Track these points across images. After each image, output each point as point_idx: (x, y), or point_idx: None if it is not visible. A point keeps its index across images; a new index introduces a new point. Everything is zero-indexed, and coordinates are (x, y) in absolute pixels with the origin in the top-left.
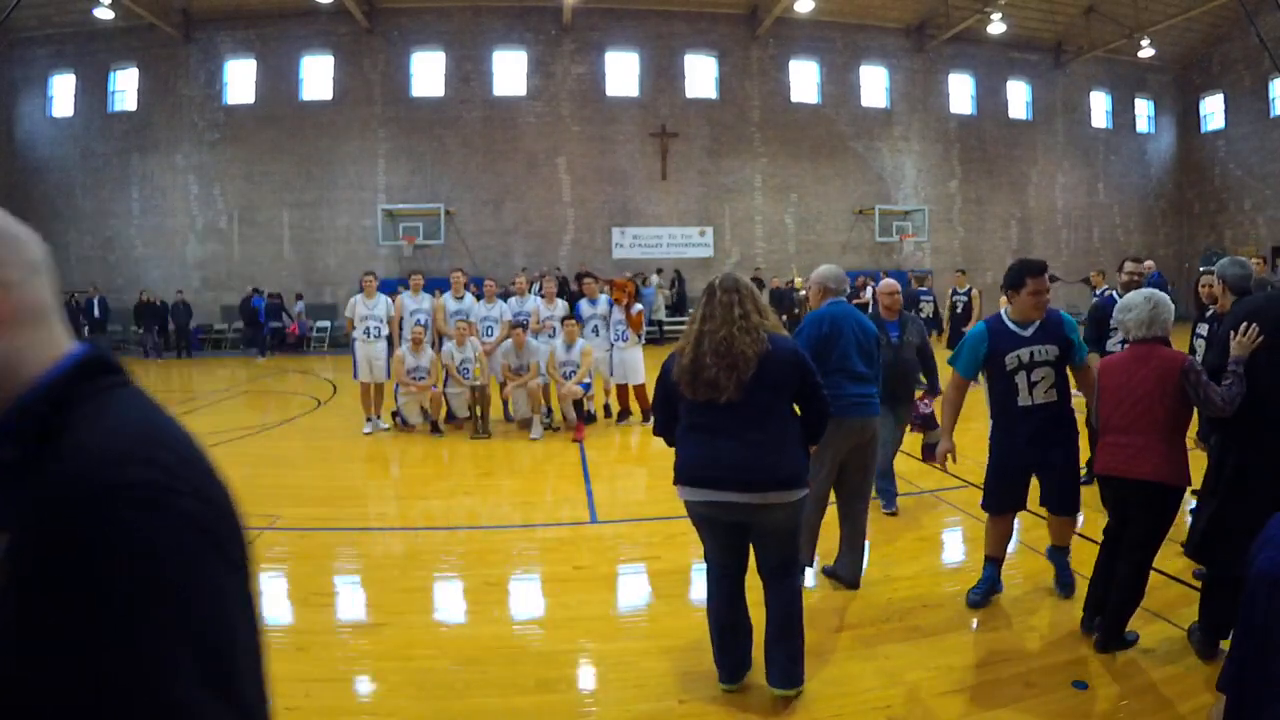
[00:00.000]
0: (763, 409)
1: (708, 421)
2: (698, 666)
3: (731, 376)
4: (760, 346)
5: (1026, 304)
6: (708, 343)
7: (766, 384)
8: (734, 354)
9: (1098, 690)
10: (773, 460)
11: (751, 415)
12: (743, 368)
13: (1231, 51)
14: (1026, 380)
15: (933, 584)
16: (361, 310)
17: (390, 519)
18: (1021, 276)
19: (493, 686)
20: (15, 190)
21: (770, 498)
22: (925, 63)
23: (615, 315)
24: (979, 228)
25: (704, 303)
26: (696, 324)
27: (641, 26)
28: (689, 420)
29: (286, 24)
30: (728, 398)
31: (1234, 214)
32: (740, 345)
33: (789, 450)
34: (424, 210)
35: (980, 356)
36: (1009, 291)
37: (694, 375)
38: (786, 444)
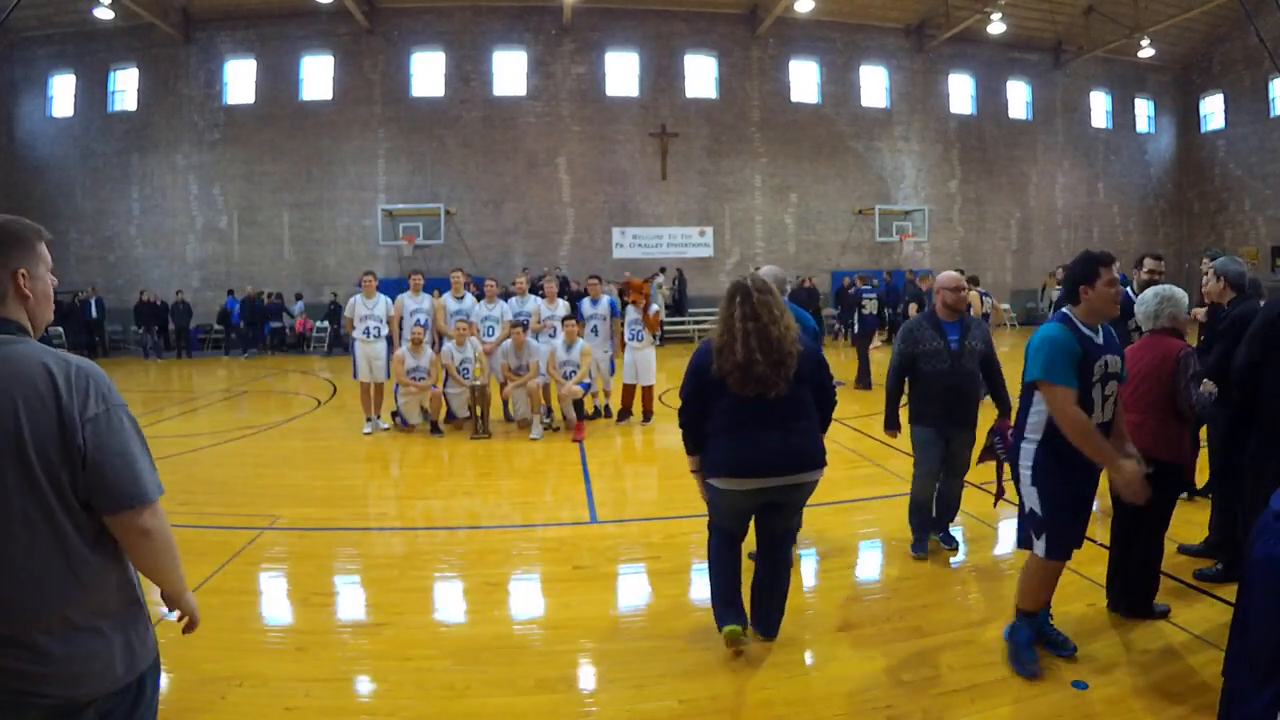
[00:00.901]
0: (800, 400)
1: (754, 416)
2: (698, 666)
3: (780, 372)
4: (798, 345)
5: (1104, 300)
6: (755, 340)
7: (802, 379)
8: (783, 351)
9: (1097, 690)
10: (812, 444)
11: (793, 406)
12: (789, 364)
13: (1231, 51)
14: (1101, 394)
15: (933, 584)
16: (361, 310)
17: (390, 519)
18: (1094, 268)
19: (493, 686)
20: (15, 190)
21: (808, 476)
22: (925, 63)
23: (631, 315)
24: (979, 228)
25: (740, 302)
26: (739, 322)
27: (641, 26)
28: (733, 416)
29: (286, 24)
30: (777, 392)
31: (1234, 214)
32: (788, 344)
33: (817, 435)
34: (424, 210)
35: (1076, 361)
36: (1079, 288)
37: (745, 372)
38: (815, 430)
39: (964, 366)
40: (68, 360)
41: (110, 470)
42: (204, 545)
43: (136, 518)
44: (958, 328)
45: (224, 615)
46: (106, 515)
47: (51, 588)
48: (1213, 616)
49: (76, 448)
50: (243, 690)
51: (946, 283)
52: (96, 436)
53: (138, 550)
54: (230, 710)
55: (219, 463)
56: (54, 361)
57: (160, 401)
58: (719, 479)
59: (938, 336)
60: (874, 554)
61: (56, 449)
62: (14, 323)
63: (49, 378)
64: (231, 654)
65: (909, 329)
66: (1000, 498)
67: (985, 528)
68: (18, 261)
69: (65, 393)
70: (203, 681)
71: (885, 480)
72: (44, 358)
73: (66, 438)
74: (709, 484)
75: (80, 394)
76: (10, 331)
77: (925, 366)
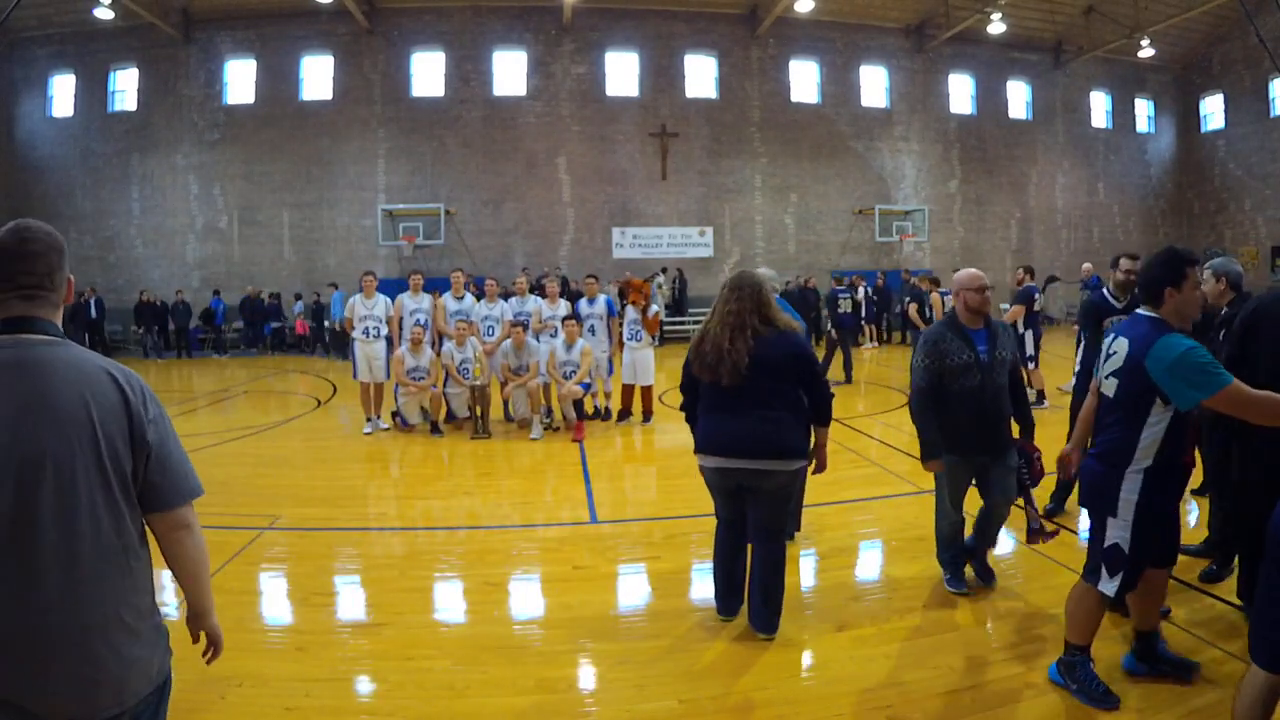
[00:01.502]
0: (767, 391)
1: (721, 401)
2: (698, 666)
3: (724, 364)
4: (746, 340)
5: (1191, 304)
6: (711, 334)
7: (765, 371)
8: (734, 345)
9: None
10: (777, 434)
11: (757, 396)
12: (730, 357)
13: (1231, 51)
14: None
15: (933, 584)
16: (361, 310)
17: (390, 519)
18: (1180, 268)
19: (493, 686)
20: (15, 190)
21: (771, 464)
22: (925, 63)
23: (630, 315)
24: (979, 228)
25: (725, 296)
26: (715, 315)
27: (641, 26)
28: (707, 400)
29: (286, 24)
30: (727, 381)
31: (1234, 214)
32: (739, 339)
33: (788, 427)
34: (424, 210)
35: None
36: (1164, 289)
37: (701, 360)
38: (787, 422)
39: (996, 381)
40: (117, 365)
41: (172, 466)
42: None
43: (186, 514)
44: (985, 335)
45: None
46: (160, 511)
47: (111, 586)
48: (1214, 616)
49: (144, 444)
50: (242, 690)
51: (968, 282)
52: (158, 434)
53: (184, 545)
54: (230, 710)
55: (219, 463)
56: (109, 365)
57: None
58: (698, 454)
59: (966, 347)
60: (874, 554)
61: (126, 445)
62: (58, 327)
63: (111, 379)
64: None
65: (933, 340)
66: (1041, 536)
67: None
68: (67, 269)
69: (130, 394)
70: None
71: (885, 480)
72: (100, 360)
73: (135, 435)
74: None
75: (140, 396)
76: (60, 335)
77: (954, 385)
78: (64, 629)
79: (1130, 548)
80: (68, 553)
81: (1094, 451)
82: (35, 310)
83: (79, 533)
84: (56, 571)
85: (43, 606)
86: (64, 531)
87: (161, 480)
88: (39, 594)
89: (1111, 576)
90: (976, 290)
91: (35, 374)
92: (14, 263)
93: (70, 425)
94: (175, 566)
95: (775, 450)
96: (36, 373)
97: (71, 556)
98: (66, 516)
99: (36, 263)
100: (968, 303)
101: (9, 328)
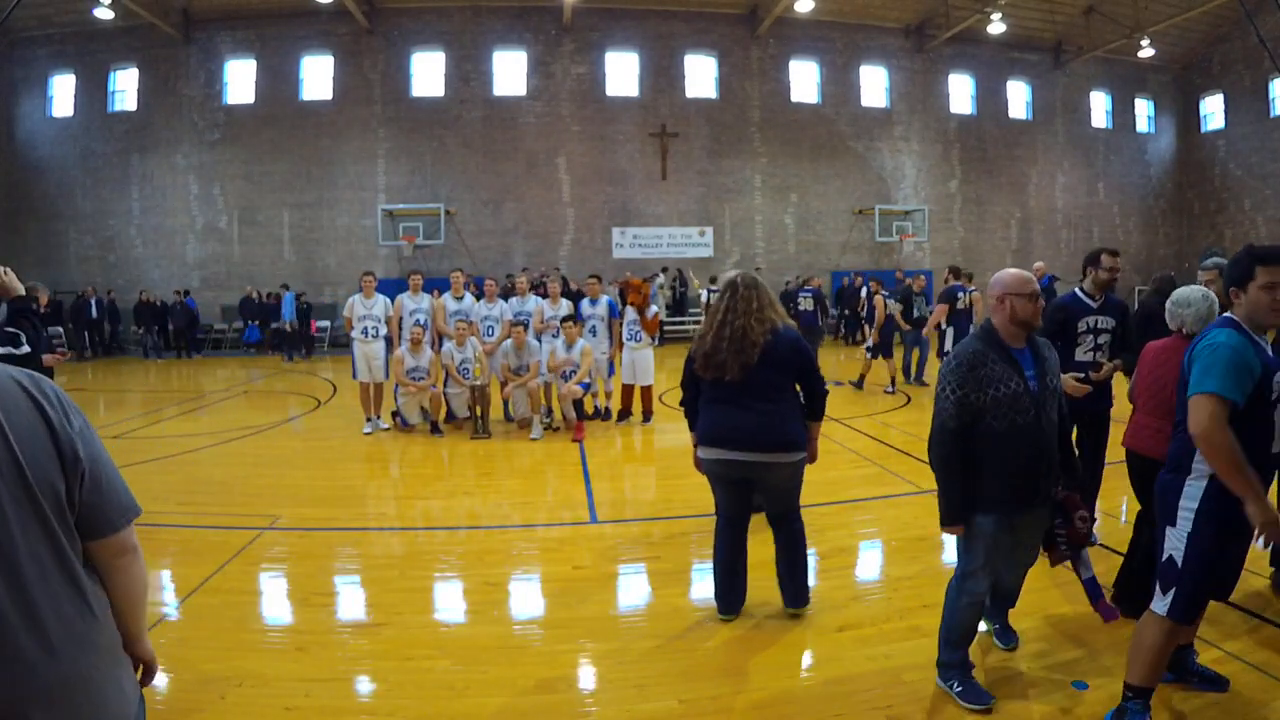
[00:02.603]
0: (768, 385)
1: (724, 395)
2: (698, 666)
3: (738, 360)
4: (765, 335)
5: (1260, 305)
6: (728, 330)
7: (768, 366)
8: (747, 341)
9: (1097, 690)
10: (778, 426)
11: (759, 390)
12: (748, 352)
13: (1231, 51)
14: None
15: (933, 584)
16: (360, 310)
17: (390, 519)
18: (1250, 266)
19: (493, 686)
20: (15, 190)
21: (774, 457)
22: (925, 63)
23: (630, 315)
24: (979, 228)
25: (728, 296)
26: (718, 314)
27: (641, 26)
28: (709, 395)
29: (286, 24)
30: (731, 377)
31: (1234, 214)
32: (754, 335)
33: (790, 420)
34: (424, 210)
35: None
36: (1229, 289)
37: (707, 358)
38: (789, 415)
39: (1050, 417)
40: (25, 373)
41: (107, 484)
42: (204, 545)
43: (130, 535)
44: (1030, 357)
45: (224, 615)
46: (101, 537)
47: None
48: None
49: (76, 462)
50: (242, 690)
51: (1015, 285)
52: (88, 448)
53: (127, 572)
54: (230, 710)
55: (219, 463)
56: (16, 373)
57: (160, 401)
58: (701, 448)
59: (1013, 373)
60: (874, 554)
61: (56, 467)
62: None
63: (22, 390)
64: (231, 654)
65: (967, 364)
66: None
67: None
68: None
69: (48, 406)
70: (202, 681)
71: (885, 480)
72: (6, 370)
73: (64, 454)
74: (697, 454)
75: (59, 407)
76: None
77: (1000, 423)
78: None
79: (1184, 560)
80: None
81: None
82: None
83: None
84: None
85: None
86: (10, 589)
87: (99, 501)
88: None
89: (1164, 593)
90: (1028, 297)
91: None
92: None
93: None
94: (117, 595)
95: (779, 443)
96: None
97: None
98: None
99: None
100: (1016, 313)
101: None
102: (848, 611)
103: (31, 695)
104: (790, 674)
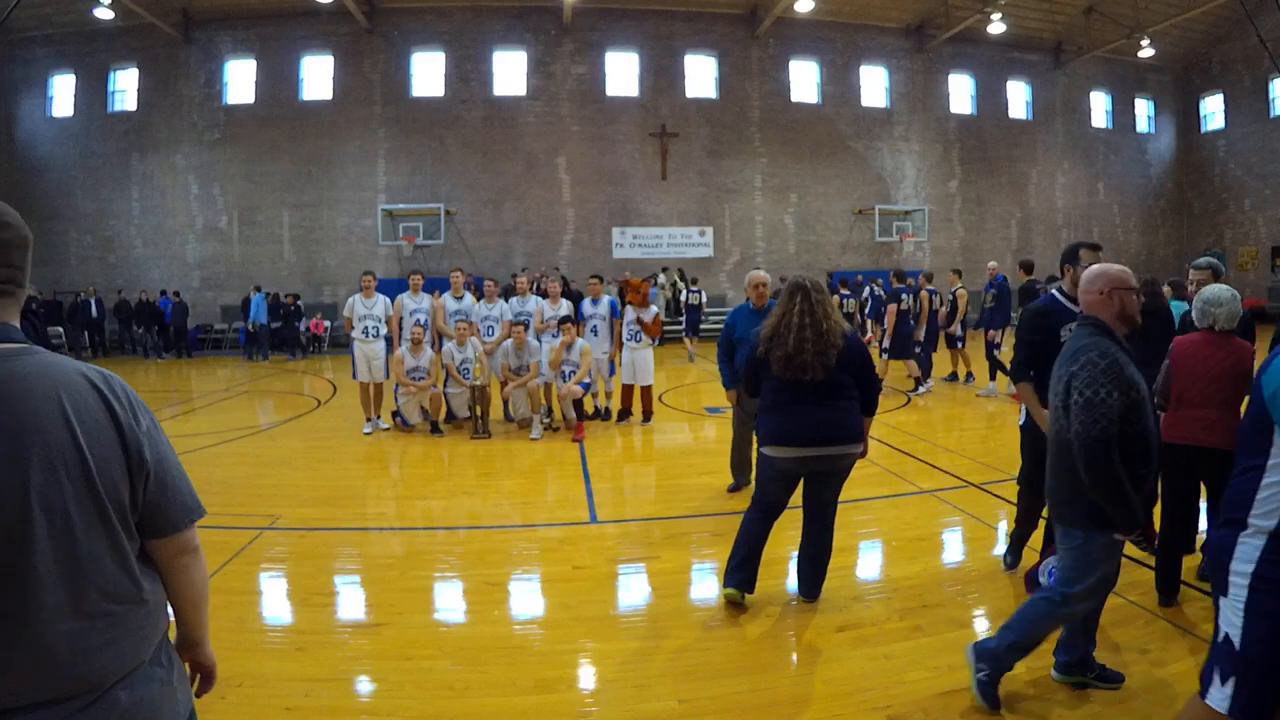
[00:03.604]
0: (842, 384)
1: (802, 395)
2: (698, 666)
3: (821, 361)
4: (841, 338)
5: None
6: (810, 333)
7: (844, 366)
8: (828, 343)
9: (1098, 690)
10: (852, 421)
11: (833, 388)
12: (831, 354)
13: (1231, 51)
14: None
15: (933, 584)
16: (360, 310)
17: (390, 519)
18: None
19: (493, 686)
20: (15, 190)
21: (845, 449)
22: (925, 63)
23: (629, 315)
24: (979, 228)
25: (800, 299)
26: (795, 317)
27: (641, 26)
28: (784, 395)
29: (286, 24)
30: (813, 376)
31: (1234, 214)
32: (834, 337)
33: (856, 414)
34: (424, 210)
35: None
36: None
37: (790, 360)
38: (854, 410)
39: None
40: (95, 369)
41: (172, 484)
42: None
43: (191, 535)
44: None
45: (224, 615)
46: (165, 536)
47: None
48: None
49: (142, 463)
50: (242, 690)
51: (1122, 279)
52: (154, 448)
53: (187, 572)
54: (230, 710)
55: (219, 463)
56: (87, 370)
57: (160, 401)
58: (770, 447)
59: (1139, 373)
60: (874, 554)
61: (120, 468)
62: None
63: (93, 388)
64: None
65: (1116, 361)
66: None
67: (985, 528)
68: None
69: (117, 405)
70: None
71: (885, 480)
72: (76, 366)
73: (130, 454)
74: (761, 453)
75: (127, 404)
76: (24, 340)
77: (1134, 428)
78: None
79: (1243, 644)
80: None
81: None
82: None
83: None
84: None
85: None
86: (71, 592)
87: (163, 500)
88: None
89: (1223, 683)
90: (1133, 290)
91: (7, 391)
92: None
93: (55, 453)
94: (177, 595)
95: (851, 435)
96: (10, 389)
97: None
98: (71, 570)
99: (11, 253)
100: (1125, 307)
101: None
102: (848, 611)
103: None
104: (790, 674)
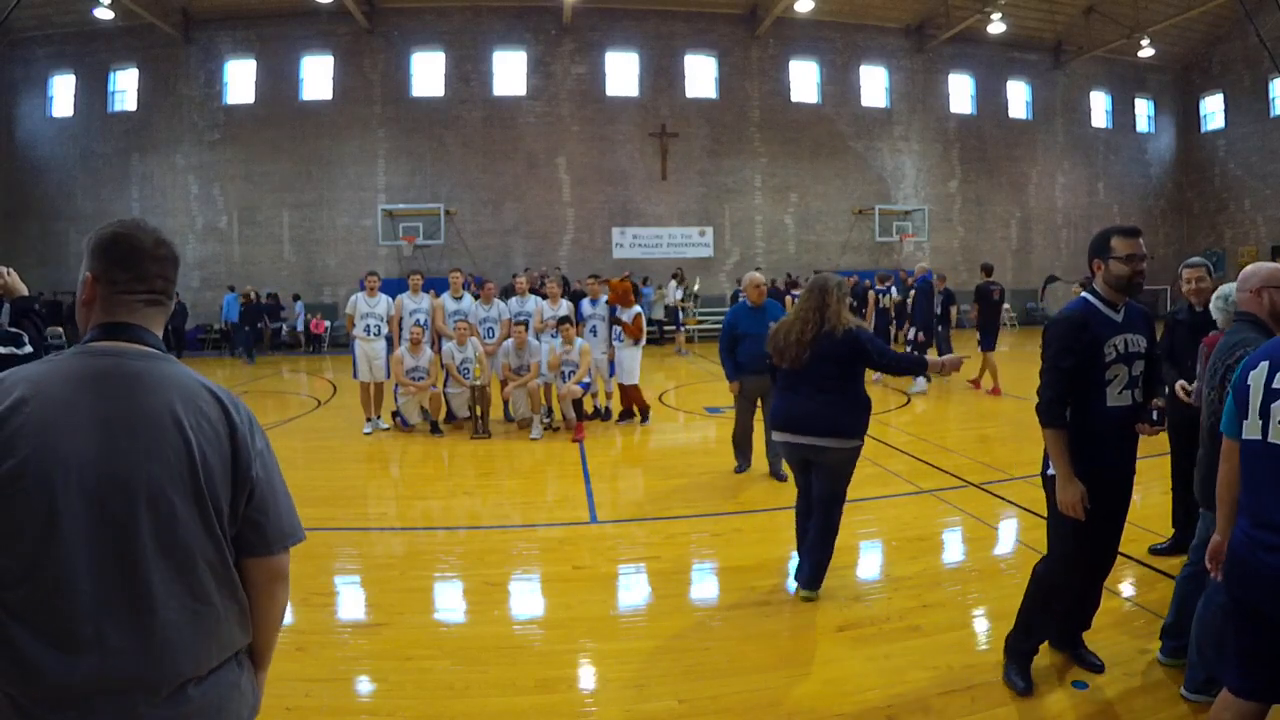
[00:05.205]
0: (826, 376)
1: (787, 382)
2: (698, 666)
3: (795, 351)
4: (815, 331)
5: None
6: (798, 324)
7: (823, 359)
8: (814, 336)
9: (1097, 690)
10: (830, 414)
11: (817, 380)
12: (805, 343)
13: (1231, 51)
14: None
15: (933, 584)
16: (362, 308)
17: (390, 519)
18: None
19: (493, 686)
20: (15, 190)
21: (823, 441)
22: (925, 63)
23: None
24: (979, 227)
25: (811, 295)
26: (801, 310)
27: (641, 26)
28: (779, 383)
29: (286, 24)
30: (789, 365)
31: (1234, 214)
32: (817, 330)
33: (842, 410)
34: (424, 210)
35: None
36: None
37: (775, 346)
38: (845, 405)
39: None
40: (223, 389)
41: (274, 507)
42: None
43: (283, 561)
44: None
45: None
46: (259, 556)
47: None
48: None
49: (247, 479)
50: None
51: (1272, 278)
52: (265, 470)
53: (274, 597)
54: None
55: None
56: (214, 387)
57: None
58: (771, 430)
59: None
60: (874, 554)
61: (226, 478)
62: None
63: (216, 400)
64: None
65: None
66: None
67: (985, 528)
68: None
69: (238, 420)
70: None
71: (885, 480)
72: (205, 380)
73: (239, 468)
74: None
75: (247, 422)
76: (164, 350)
77: None
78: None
79: None
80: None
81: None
82: (150, 320)
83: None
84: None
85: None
86: (168, 585)
87: (264, 521)
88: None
89: None
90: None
91: (134, 388)
92: (151, 264)
93: (169, 450)
94: (259, 618)
95: (828, 429)
96: (136, 387)
97: (175, 611)
98: (170, 566)
99: (168, 268)
100: (1277, 306)
101: (114, 333)
102: (848, 611)
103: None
104: (790, 674)
